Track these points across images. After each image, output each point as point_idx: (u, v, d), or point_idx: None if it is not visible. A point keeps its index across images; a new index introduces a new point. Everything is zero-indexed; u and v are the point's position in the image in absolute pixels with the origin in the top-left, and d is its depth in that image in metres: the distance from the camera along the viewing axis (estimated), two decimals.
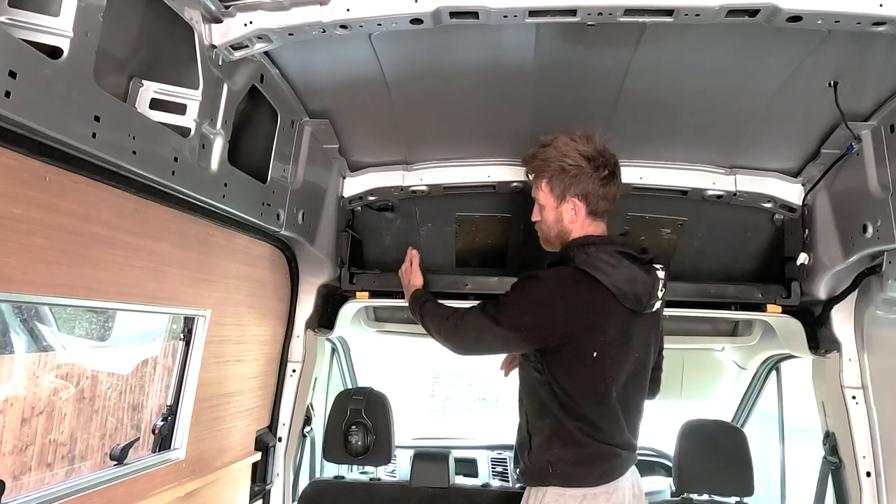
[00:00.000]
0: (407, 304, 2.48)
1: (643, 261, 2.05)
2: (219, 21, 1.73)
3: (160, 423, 2.12)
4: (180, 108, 1.72)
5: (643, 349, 2.09)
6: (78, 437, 3.60)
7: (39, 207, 1.39)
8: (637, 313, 2.02)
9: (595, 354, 1.95)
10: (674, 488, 2.75)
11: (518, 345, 2.07)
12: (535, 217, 2.21)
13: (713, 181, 2.61)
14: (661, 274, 2.07)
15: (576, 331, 1.95)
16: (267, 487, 2.74)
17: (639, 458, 3.80)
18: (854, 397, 2.44)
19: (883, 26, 1.59)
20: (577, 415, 1.97)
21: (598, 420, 1.98)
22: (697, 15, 1.61)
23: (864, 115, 2.11)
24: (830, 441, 2.54)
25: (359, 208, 2.94)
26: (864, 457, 2.39)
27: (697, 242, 2.86)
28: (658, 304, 2.08)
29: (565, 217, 2.10)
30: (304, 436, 3.02)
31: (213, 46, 1.74)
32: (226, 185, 1.93)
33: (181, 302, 2.02)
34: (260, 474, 2.71)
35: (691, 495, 2.69)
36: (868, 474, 2.38)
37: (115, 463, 1.93)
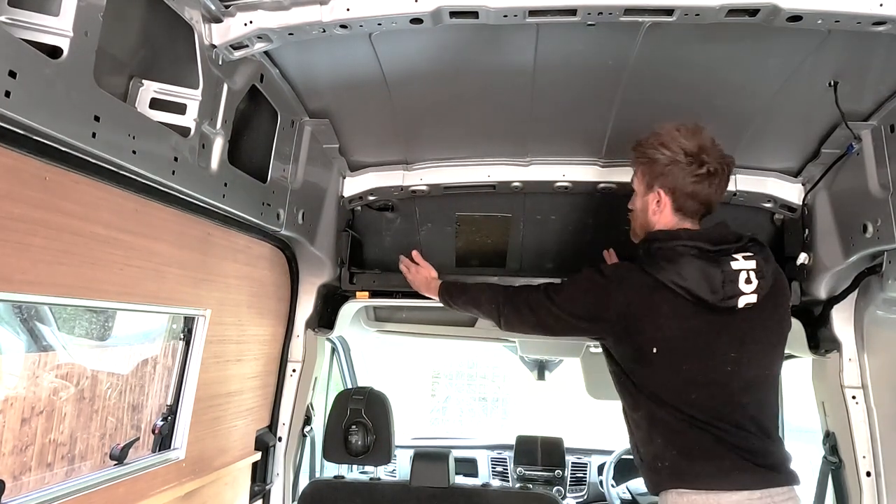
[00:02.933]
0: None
1: (723, 252, 1.91)
2: (219, 21, 1.73)
3: (160, 423, 2.12)
4: (180, 108, 1.72)
5: (740, 348, 1.90)
6: (78, 436, 3.60)
7: (39, 207, 1.39)
8: (721, 311, 1.87)
9: (655, 351, 1.89)
10: None
11: (572, 329, 2.07)
12: (630, 205, 2.19)
13: None
14: (741, 264, 1.88)
15: (627, 327, 1.93)
16: (267, 487, 2.74)
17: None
18: (854, 397, 2.44)
19: (883, 26, 1.59)
20: (665, 402, 1.90)
21: (688, 408, 1.87)
22: (697, 15, 1.61)
23: (864, 115, 2.11)
24: (830, 441, 2.54)
25: (359, 208, 2.94)
26: (864, 457, 2.39)
27: None
28: (752, 299, 1.87)
29: (649, 207, 2.06)
30: (304, 436, 3.02)
31: (213, 46, 1.74)
32: (226, 184, 1.93)
33: (181, 302, 2.02)
34: (260, 474, 2.71)
35: None
36: (868, 474, 2.38)
37: (115, 463, 1.93)
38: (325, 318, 2.97)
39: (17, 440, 3.22)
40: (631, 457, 3.89)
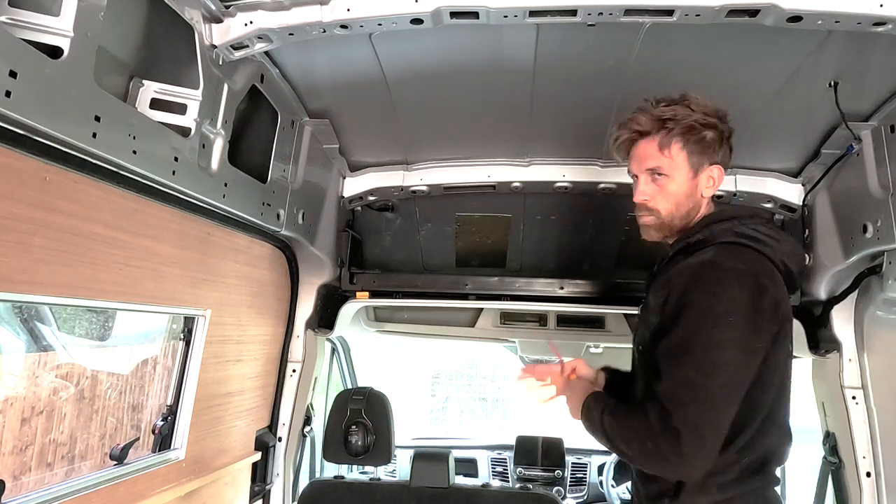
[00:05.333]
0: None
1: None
2: (219, 21, 1.73)
3: (160, 423, 2.12)
4: (180, 108, 1.72)
5: None
6: (78, 437, 3.59)
7: (39, 207, 1.39)
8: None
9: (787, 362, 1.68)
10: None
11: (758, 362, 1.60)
12: (642, 196, 1.79)
13: None
14: None
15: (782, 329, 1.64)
16: (267, 487, 2.74)
17: None
18: (854, 397, 2.44)
19: (883, 26, 1.59)
20: None
21: None
22: (698, 15, 1.61)
23: (864, 115, 2.11)
24: (830, 441, 2.54)
25: (359, 208, 2.94)
26: (864, 457, 2.39)
27: None
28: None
29: (700, 187, 1.75)
30: (304, 436, 3.02)
31: (214, 46, 1.74)
32: (226, 184, 1.93)
33: (181, 302, 2.02)
34: (260, 474, 2.71)
35: None
36: (868, 474, 2.38)
37: (115, 463, 1.93)
38: (325, 319, 2.97)
39: (17, 440, 3.22)
40: None
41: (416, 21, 1.67)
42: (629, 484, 3.90)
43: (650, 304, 1.77)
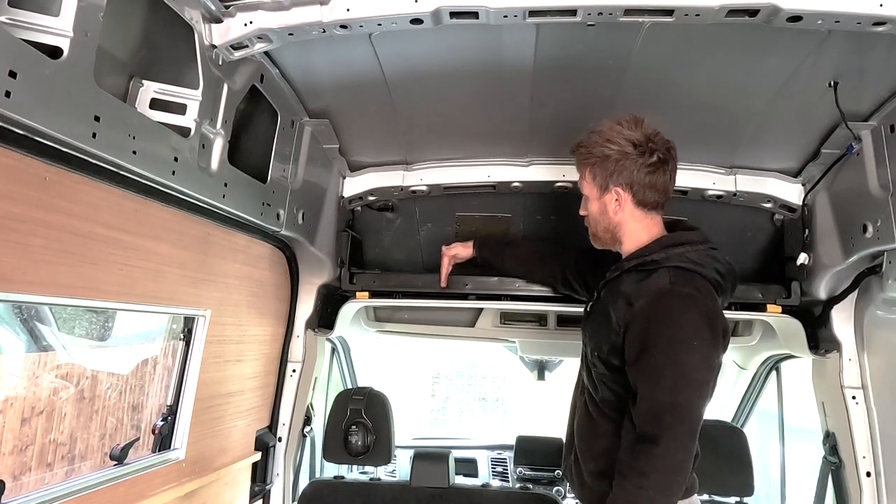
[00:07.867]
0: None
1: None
2: (219, 21, 1.73)
3: (160, 423, 2.12)
4: (180, 108, 1.72)
5: None
6: (78, 437, 3.59)
7: (39, 207, 1.39)
8: None
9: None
10: None
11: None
12: (581, 211, 2.15)
13: (713, 181, 2.61)
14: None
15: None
16: (267, 487, 2.74)
17: None
18: (854, 397, 2.44)
19: (883, 26, 1.60)
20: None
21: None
22: (697, 15, 1.61)
23: (864, 115, 2.11)
24: (830, 441, 2.54)
25: (359, 208, 2.94)
26: (864, 457, 2.39)
27: None
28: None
29: (609, 208, 2.00)
30: (304, 436, 3.02)
31: (214, 46, 1.74)
32: (226, 185, 1.93)
33: (181, 302, 2.03)
34: (260, 474, 2.72)
35: None
36: (868, 474, 2.38)
37: (116, 463, 1.93)
38: (325, 319, 2.97)
39: (17, 440, 3.22)
40: None
41: (416, 21, 1.68)
42: None
43: (610, 315, 1.93)
